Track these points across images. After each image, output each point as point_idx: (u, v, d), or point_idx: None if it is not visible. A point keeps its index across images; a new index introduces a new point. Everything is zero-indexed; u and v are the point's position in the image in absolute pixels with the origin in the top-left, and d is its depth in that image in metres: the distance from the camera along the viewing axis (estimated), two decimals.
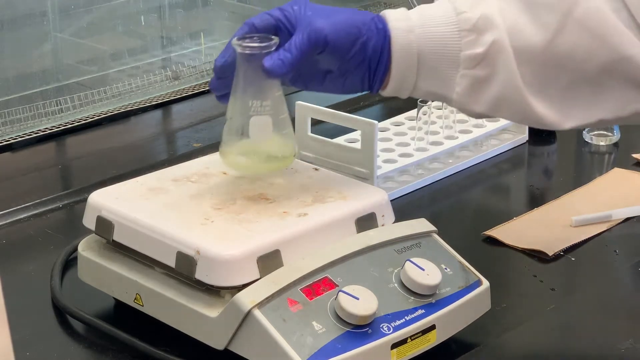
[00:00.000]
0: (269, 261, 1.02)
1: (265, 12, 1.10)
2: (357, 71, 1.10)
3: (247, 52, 1.07)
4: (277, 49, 1.07)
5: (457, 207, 1.44)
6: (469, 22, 1.07)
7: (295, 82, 1.12)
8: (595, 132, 1.57)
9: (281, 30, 1.09)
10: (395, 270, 1.05)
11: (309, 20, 1.07)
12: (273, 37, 1.08)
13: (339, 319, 0.99)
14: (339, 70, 1.10)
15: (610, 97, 1.08)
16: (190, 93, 1.75)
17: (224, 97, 1.12)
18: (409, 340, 1.01)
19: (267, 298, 0.99)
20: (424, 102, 1.46)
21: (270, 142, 1.10)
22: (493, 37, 1.07)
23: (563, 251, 1.27)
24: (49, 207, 1.40)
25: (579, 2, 1.06)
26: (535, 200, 1.43)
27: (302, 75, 1.11)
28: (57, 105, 1.62)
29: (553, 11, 1.07)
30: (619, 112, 1.09)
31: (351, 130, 1.46)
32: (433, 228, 1.12)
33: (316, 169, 1.18)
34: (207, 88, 1.68)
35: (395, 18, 1.09)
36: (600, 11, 1.06)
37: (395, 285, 1.04)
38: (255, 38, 1.08)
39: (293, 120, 1.44)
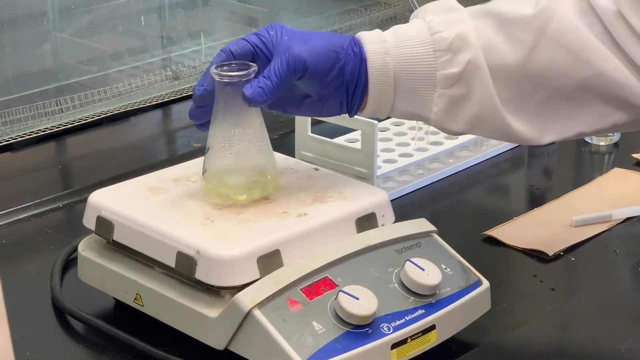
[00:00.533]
0: (269, 261, 1.02)
1: (241, 37, 1.09)
2: (335, 95, 1.10)
3: (226, 80, 1.07)
4: (255, 76, 1.06)
5: (457, 207, 1.44)
6: (445, 42, 1.08)
7: (273, 107, 1.12)
8: None
9: (258, 55, 1.08)
10: (395, 270, 1.05)
11: (287, 46, 1.06)
12: (252, 64, 1.08)
13: (339, 319, 0.99)
14: (317, 95, 1.10)
15: (588, 112, 1.09)
16: (190, 93, 1.74)
17: (204, 125, 1.11)
18: (409, 340, 1.02)
19: (267, 298, 0.99)
20: None
21: (252, 170, 1.10)
22: (468, 57, 1.07)
23: (563, 251, 1.27)
24: (49, 207, 1.40)
25: (553, 19, 1.07)
26: (535, 200, 1.43)
27: (281, 100, 1.11)
28: (57, 105, 1.62)
29: (527, 29, 1.07)
30: (597, 125, 1.10)
31: (351, 130, 1.46)
32: (433, 228, 1.12)
33: (316, 169, 1.18)
34: None
35: (371, 40, 1.09)
36: (574, 27, 1.06)
37: (395, 285, 1.04)
38: (233, 65, 1.07)
39: (293, 120, 1.44)
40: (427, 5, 1.12)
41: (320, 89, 1.09)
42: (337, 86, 1.09)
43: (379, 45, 1.09)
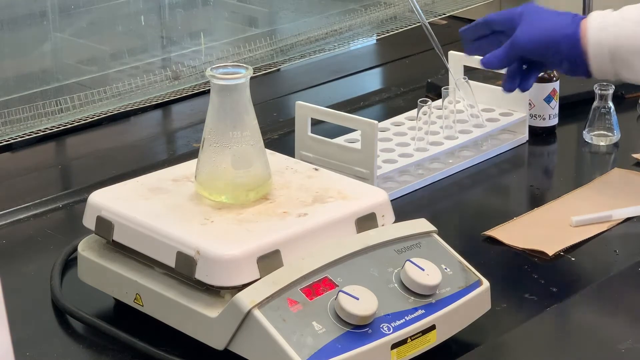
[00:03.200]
0: (269, 261, 1.02)
1: (505, 10, 1.38)
2: (561, 66, 1.34)
3: (224, 82, 1.07)
4: (497, 46, 1.37)
5: (457, 207, 1.44)
6: None
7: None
8: (596, 132, 1.57)
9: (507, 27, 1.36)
10: (395, 271, 1.05)
11: (517, 31, 1.34)
12: (247, 66, 1.08)
13: (339, 319, 0.99)
14: (542, 65, 1.39)
15: None
16: (190, 93, 1.74)
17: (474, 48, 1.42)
18: (409, 340, 1.01)
19: (267, 298, 0.99)
20: (424, 102, 1.46)
21: (249, 171, 1.10)
22: None
23: (563, 251, 1.27)
24: (49, 207, 1.40)
25: None
26: (535, 200, 1.43)
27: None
28: (57, 105, 1.61)
29: None
30: None
31: (351, 130, 1.46)
32: (433, 228, 1.12)
33: (316, 169, 1.18)
34: (207, 88, 1.67)
35: (592, 18, 1.31)
36: None
37: (395, 285, 1.04)
38: (229, 68, 1.08)
39: (293, 120, 1.44)
40: None
41: (544, 63, 1.37)
42: (558, 61, 1.33)
43: (597, 22, 1.30)
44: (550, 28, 1.33)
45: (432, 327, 1.03)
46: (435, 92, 1.68)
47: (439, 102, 1.56)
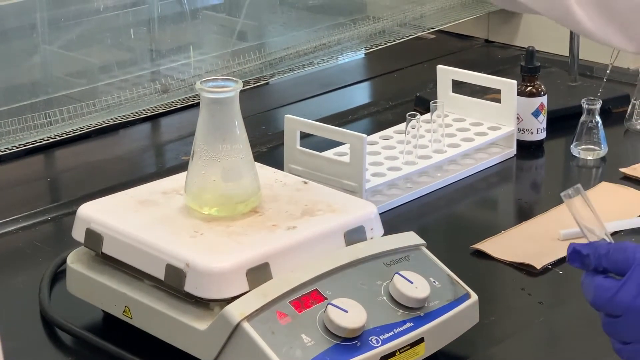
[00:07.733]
0: (258, 274, 1.02)
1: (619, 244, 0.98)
2: None
3: (214, 96, 1.08)
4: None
5: (446, 221, 1.44)
6: None
7: None
8: (583, 146, 1.58)
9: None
10: (384, 284, 1.06)
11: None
12: (237, 80, 1.09)
13: (328, 331, 0.99)
14: None
15: None
16: (179, 106, 1.74)
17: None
18: (397, 353, 1.02)
19: (256, 311, 0.99)
20: (413, 115, 1.46)
21: (238, 184, 1.10)
22: None
23: (551, 264, 1.27)
24: (38, 220, 1.40)
25: None
26: (524, 213, 1.44)
27: None
28: (46, 118, 1.61)
29: None
30: None
31: (340, 143, 1.46)
32: (422, 241, 1.12)
33: (305, 182, 1.19)
34: (196, 101, 1.67)
35: None
36: None
37: (384, 298, 1.04)
38: (219, 81, 1.09)
39: (282, 133, 1.45)
40: None
41: None
42: None
43: None
44: None
45: (421, 340, 1.04)
46: (424, 105, 1.69)
47: (427, 115, 1.56)
